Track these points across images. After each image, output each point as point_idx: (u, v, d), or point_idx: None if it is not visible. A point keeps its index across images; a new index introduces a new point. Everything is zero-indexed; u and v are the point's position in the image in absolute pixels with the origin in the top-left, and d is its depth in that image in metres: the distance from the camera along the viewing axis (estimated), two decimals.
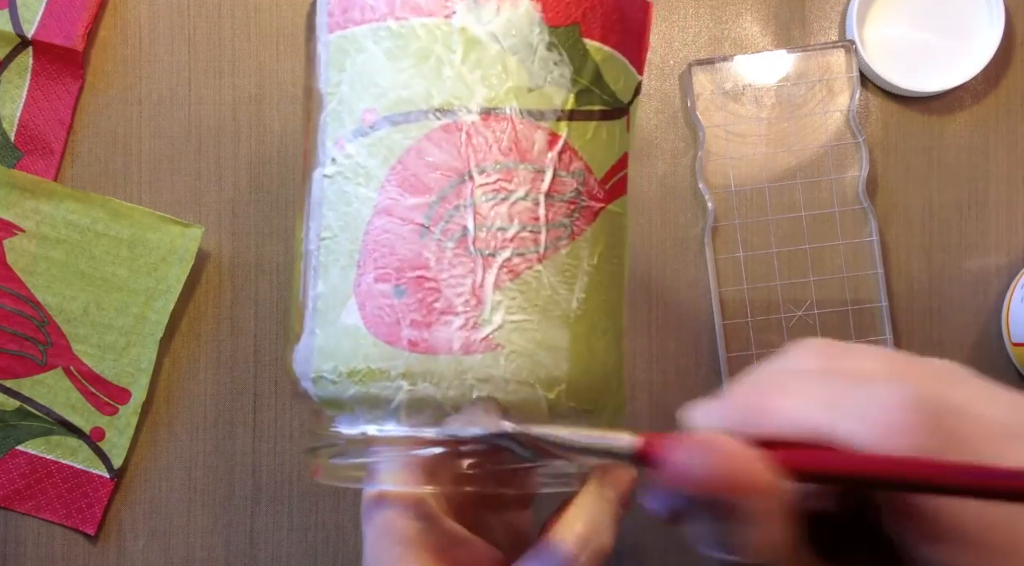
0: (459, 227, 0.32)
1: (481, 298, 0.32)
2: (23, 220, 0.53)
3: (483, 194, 0.32)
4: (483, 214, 0.32)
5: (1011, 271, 0.54)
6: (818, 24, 0.54)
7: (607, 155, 0.34)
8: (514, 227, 0.32)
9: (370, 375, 0.32)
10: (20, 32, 0.53)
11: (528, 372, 0.32)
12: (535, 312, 0.32)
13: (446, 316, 0.32)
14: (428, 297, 0.32)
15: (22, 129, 0.53)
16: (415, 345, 0.32)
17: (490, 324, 0.32)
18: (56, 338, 0.53)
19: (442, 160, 0.32)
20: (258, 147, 0.54)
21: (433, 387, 0.31)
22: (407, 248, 0.32)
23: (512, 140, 0.32)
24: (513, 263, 0.32)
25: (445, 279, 0.32)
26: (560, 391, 0.32)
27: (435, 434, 0.31)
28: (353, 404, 0.33)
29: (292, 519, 0.53)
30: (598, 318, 0.33)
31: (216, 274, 0.54)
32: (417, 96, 0.33)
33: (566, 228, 0.33)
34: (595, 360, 0.33)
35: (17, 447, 0.53)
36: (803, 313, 0.53)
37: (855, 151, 0.53)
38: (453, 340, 0.31)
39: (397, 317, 0.32)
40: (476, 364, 0.31)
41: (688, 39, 0.54)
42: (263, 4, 0.54)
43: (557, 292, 0.32)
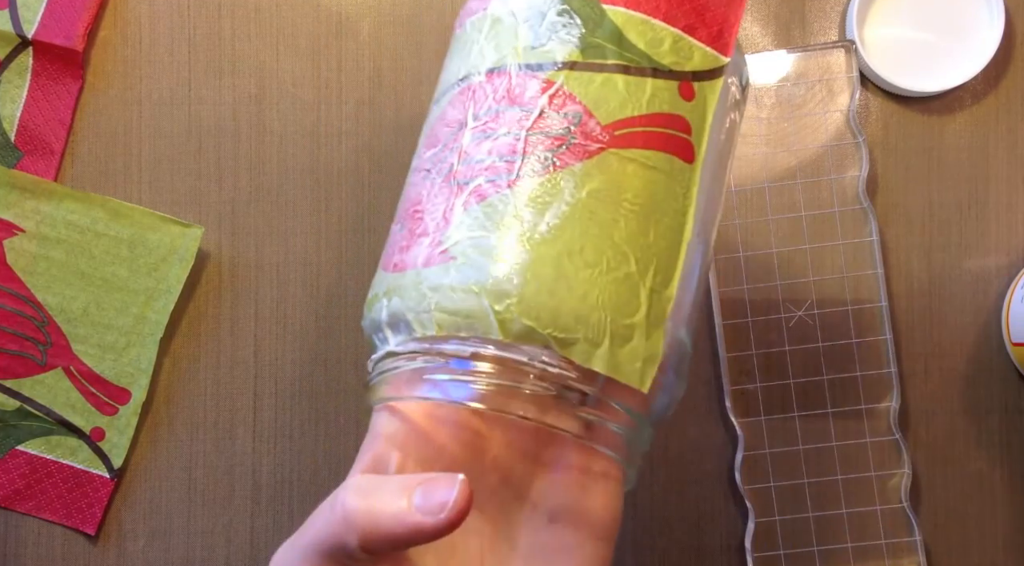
0: (448, 164, 0.35)
1: (448, 219, 0.34)
2: (23, 220, 0.53)
3: (472, 136, 0.35)
4: (467, 151, 0.34)
5: (1011, 271, 0.54)
6: (818, 24, 0.54)
7: (622, 106, 0.34)
8: (490, 159, 0.34)
9: (373, 300, 0.35)
10: (20, 32, 0.53)
11: (474, 281, 0.32)
12: (494, 228, 0.33)
13: (421, 238, 0.34)
14: (415, 226, 0.35)
15: (22, 129, 0.53)
16: (396, 266, 0.35)
17: (449, 239, 0.33)
18: (56, 338, 0.53)
19: (452, 117, 0.36)
20: (258, 147, 0.54)
21: (400, 299, 0.33)
22: (415, 192, 0.36)
23: (506, 89, 0.35)
24: (482, 188, 0.33)
25: (427, 208, 0.34)
26: (510, 305, 0.32)
27: (403, 348, 0.33)
28: (371, 333, 0.36)
29: (292, 519, 0.53)
30: (581, 247, 0.33)
31: (216, 274, 0.54)
32: (452, 75, 0.37)
33: (546, 160, 0.33)
34: (565, 285, 0.32)
35: (17, 447, 0.53)
36: (803, 313, 0.53)
37: (855, 151, 0.53)
38: (419, 256, 0.34)
39: (394, 247, 0.35)
40: (430, 274, 0.33)
41: None
42: (263, 4, 0.54)
43: (522, 214, 0.33)
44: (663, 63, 0.35)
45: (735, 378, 0.52)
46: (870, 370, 0.52)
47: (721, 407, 0.52)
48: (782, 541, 0.51)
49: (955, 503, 0.53)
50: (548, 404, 0.32)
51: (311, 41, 0.54)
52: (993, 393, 0.53)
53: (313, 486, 0.53)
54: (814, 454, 0.52)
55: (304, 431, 0.53)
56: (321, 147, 0.54)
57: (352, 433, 0.53)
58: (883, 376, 0.52)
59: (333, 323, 0.53)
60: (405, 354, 0.33)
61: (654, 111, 0.35)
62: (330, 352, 0.53)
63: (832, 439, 0.52)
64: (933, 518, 0.53)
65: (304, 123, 0.54)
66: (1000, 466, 0.53)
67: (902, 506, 0.51)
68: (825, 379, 0.52)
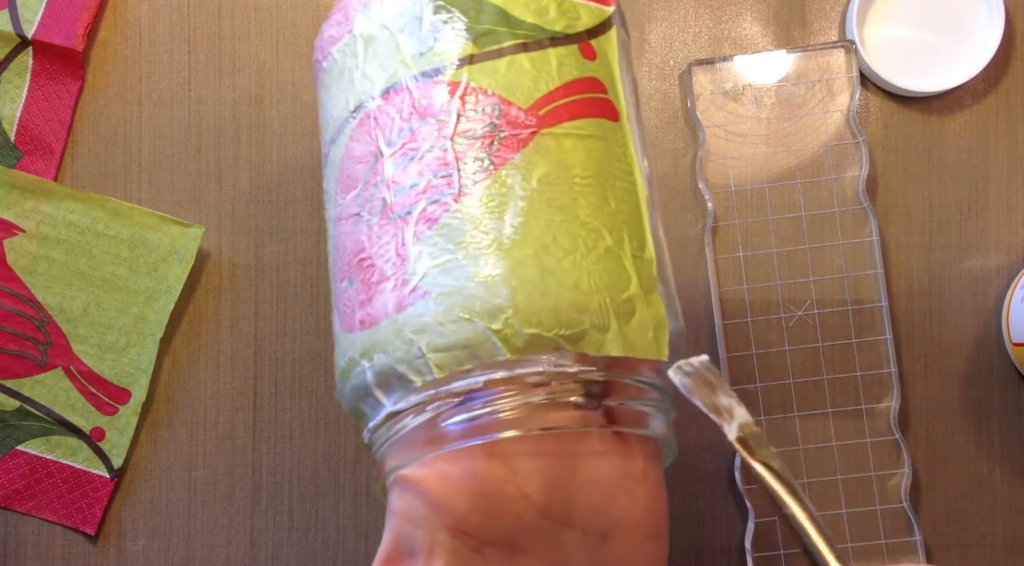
0: (379, 200, 0.33)
1: (404, 255, 0.31)
2: (23, 220, 0.53)
3: (393, 163, 0.32)
4: (395, 180, 0.32)
5: (1011, 271, 0.54)
6: (818, 24, 0.54)
7: (535, 85, 0.33)
8: (425, 179, 0.32)
9: (348, 368, 0.33)
10: (20, 32, 0.53)
11: (461, 308, 0.30)
12: (459, 249, 0.31)
13: (381, 284, 0.32)
14: (368, 275, 0.32)
15: (22, 129, 0.53)
16: (364, 323, 0.32)
17: (415, 275, 0.31)
18: (56, 338, 0.53)
19: (361, 151, 0.33)
20: (258, 147, 0.54)
21: (383, 355, 0.31)
22: (351, 241, 0.33)
23: (411, 105, 0.33)
24: (428, 212, 0.31)
25: (376, 252, 0.32)
26: (507, 319, 0.30)
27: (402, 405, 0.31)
28: (356, 405, 0.33)
29: (292, 519, 0.53)
30: (553, 238, 0.31)
31: (216, 274, 0.54)
32: (341, 109, 0.35)
33: (483, 161, 0.32)
34: (553, 280, 0.31)
35: (17, 447, 0.53)
36: (803, 313, 0.53)
37: (855, 151, 0.53)
38: (388, 303, 0.31)
39: (353, 305, 0.33)
40: (409, 317, 0.31)
41: (688, 39, 0.54)
42: (263, 4, 0.54)
43: (481, 224, 0.31)
44: (556, 30, 0.34)
45: (735, 378, 0.52)
46: (870, 370, 0.52)
47: None
48: (782, 541, 0.51)
49: (955, 503, 0.53)
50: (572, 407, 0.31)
51: (311, 41, 0.54)
52: (993, 393, 0.53)
53: (313, 486, 0.53)
54: (814, 454, 0.52)
55: (304, 431, 0.53)
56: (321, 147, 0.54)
57: (352, 433, 0.53)
58: (883, 376, 0.52)
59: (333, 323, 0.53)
60: (410, 409, 0.31)
61: (567, 80, 0.34)
62: (330, 352, 0.53)
63: (832, 439, 0.52)
64: (933, 518, 0.53)
65: (304, 123, 0.54)
66: (1000, 466, 0.53)
67: (902, 506, 0.51)
68: (825, 379, 0.52)
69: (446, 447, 0.30)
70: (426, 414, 0.31)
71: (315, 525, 0.53)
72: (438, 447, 0.30)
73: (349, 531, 0.53)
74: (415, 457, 0.31)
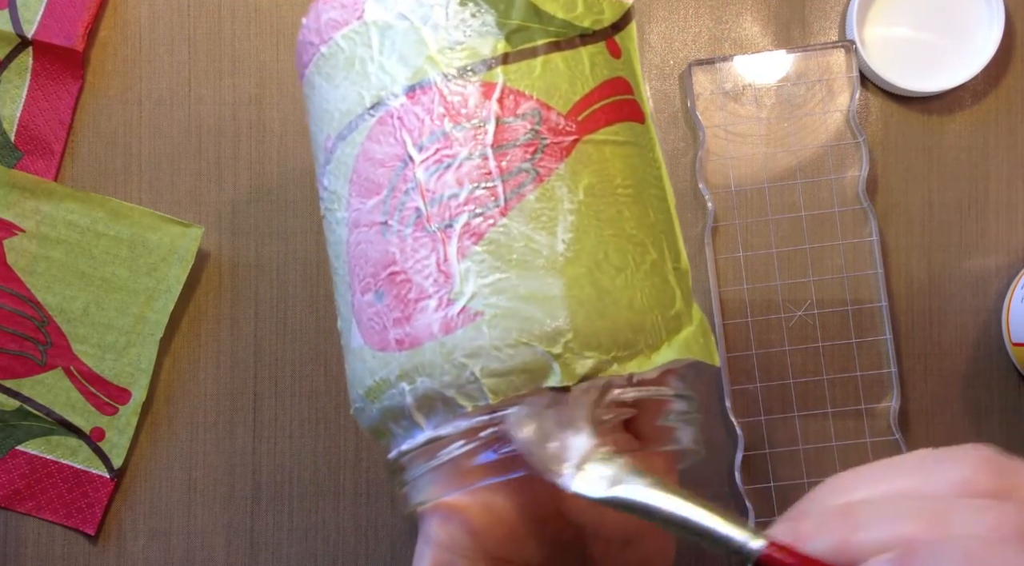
0: (412, 210, 0.30)
1: (448, 272, 0.29)
2: (23, 220, 0.53)
3: (425, 169, 0.30)
4: (430, 189, 0.30)
5: (1011, 271, 0.54)
6: (818, 24, 0.54)
7: (572, 86, 0.31)
8: (465, 190, 0.30)
9: (378, 389, 0.31)
10: (20, 32, 0.53)
11: (518, 332, 0.28)
12: (511, 268, 0.29)
13: (421, 302, 0.30)
14: (402, 290, 0.30)
15: (22, 129, 0.53)
16: (401, 343, 0.30)
17: (463, 295, 0.29)
18: (56, 338, 0.53)
19: (384, 153, 0.31)
20: (258, 147, 0.54)
21: (428, 379, 0.29)
22: (376, 250, 0.31)
23: (443, 106, 0.30)
24: (473, 225, 0.29)
25: (411, 266, 0.30)
26: (567, 343, 0.29)
27: (450, 430, 0.30)
28: (384, 424, 0.32)
29: (292, 519, 0.53)
30: (605, 254, 0.30)
31: (216, 274, 0.54)
32: (353, 103, 0.32)
33: (528, 173, 0.30)
34: (610, 300, 0.29)
35: (17, 447, 0.53)
36: (803, 313, 0.53)
37: (855, 151, 0.53)
38: (432, 324, 0.29)
39: (383, 322, 0.31)
40: (459, 340, 0.29)
41: (688, 39, 0.54)
42: (263, 4, 0.54)
43: (533, 241, 0.29)
44: (585, 26, 0.32)
45: (735, 378, 0.52)
46: (870, 370, 0.52)
47: (721, 407, 0.52)
48: None
49: None
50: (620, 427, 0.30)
51: None
52: (993, 393, 0.53)
53: (313, 486, 0.53)
54: (814, 454, 0.52)
55: (304, 431, 0.53)
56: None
57: (352, 433, 0.53)
58: (883, 376, 0.52)
59: (333, 323, 0.53)
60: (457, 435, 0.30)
61: (599, 81, 0.32)
62: (330, 352, 0.53)
63: (832, 439, 0.52)
64: None
65: (304, 123, 0.54)
66: None
67: None
68: (825, 379, 0.52)
69: (503, 476, 0.29)
70: (476, 441, 0.29)
71: (315, 525, 0.53)
72: (492, 476, 0.29)
73: (349, 531, 0.53)
74: (461, 486, 0.30)
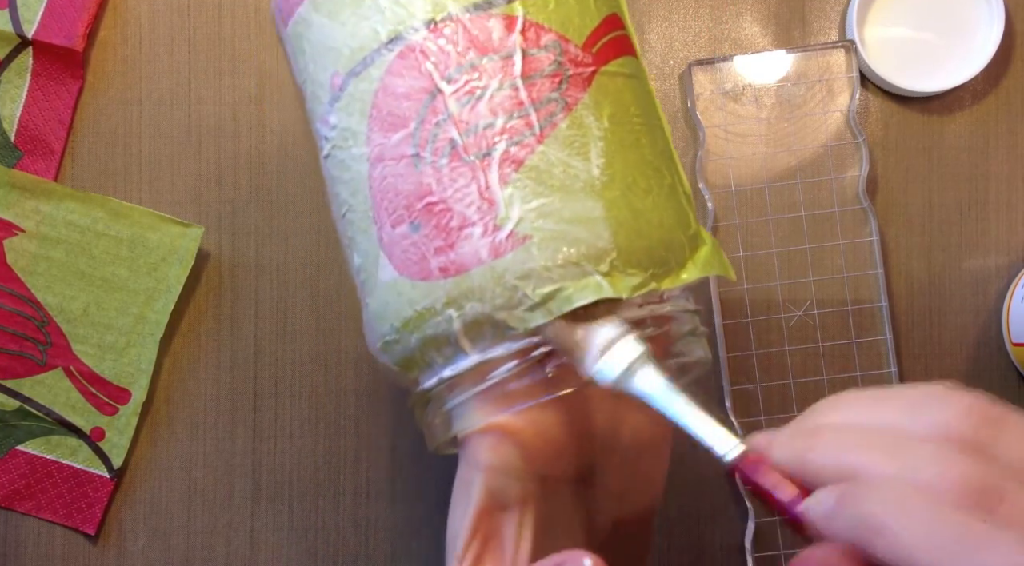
0: (446, 141, 0.31)
1: (492, 199, 0.30)
2: (23, 220, 0.53)
3: (457, 101, 0.31)
4: (464, 120, 0.31)
5: (1011, 271, 0.54)
6: (818, 24, 0.54)
7: (583, 20, 0.32)
8: (500, 119, 0.31)
9: (421, 318, 0.31)
10: (20, 32, 0.53)
11: (567, 253, 0.30)
12: (553, 192, 0.30)
13: (465, 230, 0.30)
14: (442, 220, 0.31)
15: (22, 129, 0.53)
16: (446, 271, 0.31)
17: (510, 220, 0.30)
18: (56, 338, 0.53)
19: (408, 87, 0.32)
20: (258, 147, 0.54)
21: (479, 303, 0.30)
22: (408, 183, 0.31)
23: (467, 39, 0.31)
24: (512, 153, 0.30)
25: (451, 196, 0.31)
26: (612, 261, 0.30)
27: (500, 352, 0.30)
28: (422, 354, 0.32)
29: (292, 519, 0.53)
30: (634, 178, 0.31)
31: (216, 274, 0.54)
32: (367, 39, 0.32)
33: (558, 102, 0.31)
34: (644, 220, 0.31)
35: (17, 447, 0.53)
36: (803, 313, 0.53)
37: (855, 151, 0.53)
38: (479, 250, 0.30)
39: (422, 251, 0.31)
40: (510, 263, 0.30)
41: (688, 39, 0.54)
42: (263, 4, 0.54)
43: (571, 165, 0.30)
44: None
45: (735, 378, 0.52)
46: (870, 370, 0.52)
47: (721, 407, 0.52)
48: (782, 541, 0.51)
49: None
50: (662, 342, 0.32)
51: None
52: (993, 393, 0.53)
53: (313, 486, 0.53)
54: None
55: (304, 431, 0.53)
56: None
57: (352, 433, 0.53)
58: (883, 376, 0.52)
59: (333, 323, 0.53)
60: (512, 354, 0.30)
61: (603, 16, 0.33)
62: (330, 352, 0.53)
63: None
64: None
65: (304, 123, 0.54)
66: None
67: None
68: (825, 379, 0.52)
69: (554, 394, 0.30)
70: (527, 361, 0.30)
71: (315, 525, 0.53)
72: (544, 394, 0.30)
73: (349, 531, 0.53)
74: (512, 406, 0.30)
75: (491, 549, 0.31)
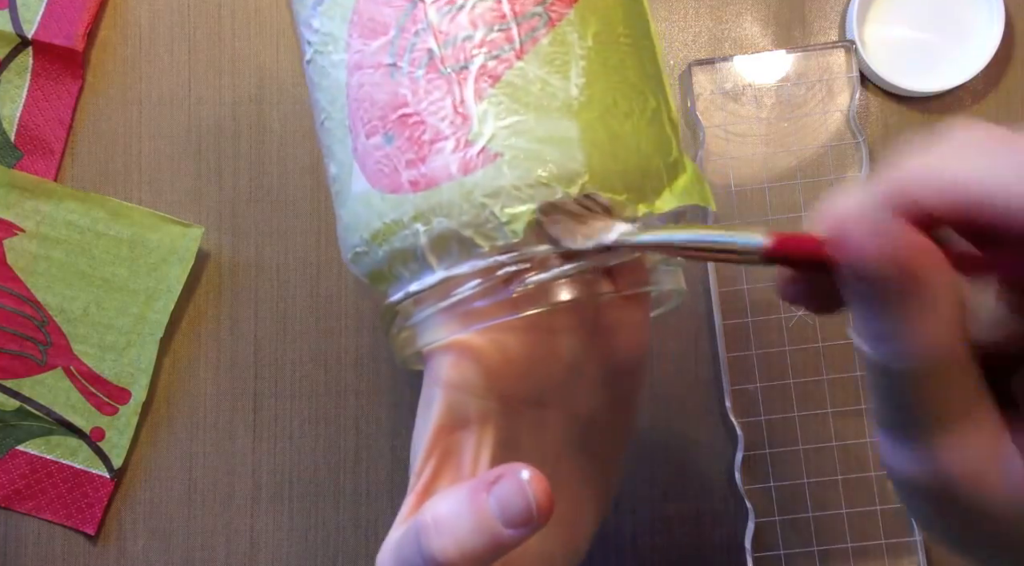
0: (424, 52, 0.30)
1: (465, 114, 0.29)
2: (23, 220, 0.53)
3: (437, 11, 0.30)
4: (443, 30, 0.30)
5: None
6: (818, 24, 0.54)
7: None
8: (480, 32, 0.30)
9: (388, 230, 0.31)
10: (20, 32, 0.53)
11: (538, 172, 0.29)
12: (528, 110, 0.29)
13: (437, 144, 0.30)
14: (415, 132, 0.30)
15: (22, 129, 0.53)
16: (416, 184, 0.30)
17: (482, 136, 0.29)
18: (56, 338, 0.53)
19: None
20: (258, 147, 0.54)
21: (446, 219, 0.29)
22: (384, 92, 0.31)
23: None
24: (489, 68, 0.29)
25: (425, 108, 0.30)
26: (583, 183, 0.29)
27: (465, 269, 0.30)
28: (390, 267, 0.32)
29: (292, 519, 0.53)
30: (614, 100, 0.30)
31: (216, 274, 0.54)
32: None
33: (541, 16, 0.30)
34: (620, 144, 0.30)
35: (17, 447, 0.53)
36: (803, 313, 0.53)
37: (855, 151, 0.53)
38: (450, 165, 0.29)
39: (394, 164, 0.30)
40: (479, 180, 0.29)
41: (688, 39, 0.54)
42: (263, 4, 0.54)
43: (548, 84, 0.29)
44: None
45: (735, 378, 0.52)
46: None
47: (721, 407, 0.52)
48: (782, 541, 0.51)
49: None
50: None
51: None
52: None
53: (313, 486, 0.53)
54: (814, 454, 0.52)
55: (304, 431, 0.53)
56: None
57: (352, 433, 0.53)
58: None
59: (333, 323, 0.53)
60: (473, 274, 0.30)
61: None
62: (330, 352, 0.53)
63: (832, 439, 0.52)
64: None
65: (304, 123, 0.54)
66: None
67: (902, 506, 0.51)
68: (825, 379, 0.52)
69: (518, 314, 0.29)
70: (492, 280, 0.30)
71: (315, 525, 0.53)
72: (508, 314, 0.30)
73: (349, 531, 0.53)
74: (475, 324, 0.30)
75: (448, 465, 0.31)
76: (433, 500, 0.29)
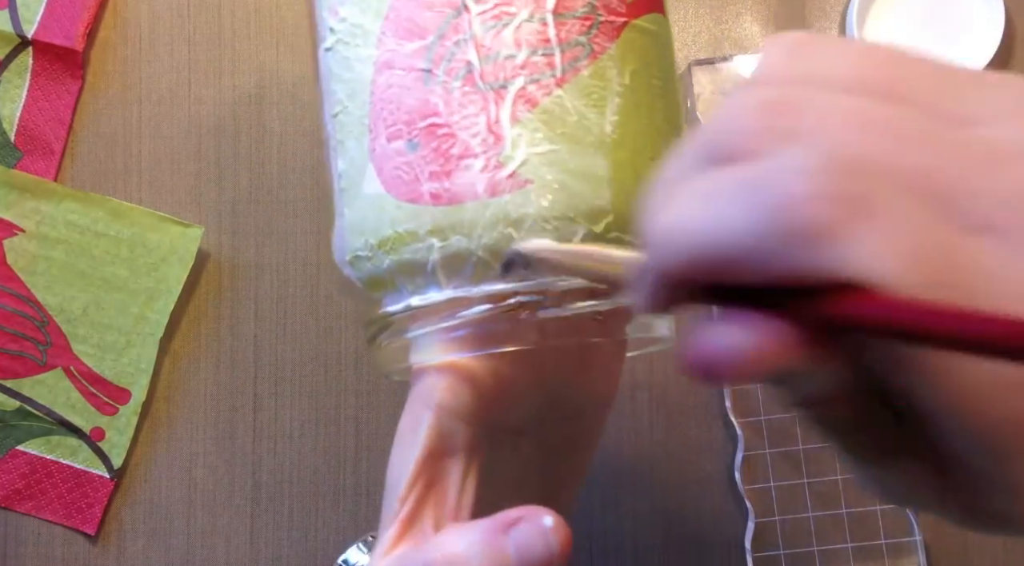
0: (463, 63, 0.29)
1: (499, 134, 0.29)
2: (23, 220, 0.53)
3: (482, 23, 0.29)
4: (486, 44, 0.29)
5: None
6: (818, 24, 0.54)
7: None
8: (523, 53, 0.29)
9: (400, 240, 0.30)
10: (20, 32, 0.53)
11: (565, 205, 0.28)
12: (562, 141, 0.29)
13: (465, 160, 0.29)
14: (443, 144, 0.29)
15: (22, 129, 0.53)
16: (438, 198, 0.29)
17: (513, 160, 0.29)
18: (56, 338, 0.53)
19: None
20: (258, 147, 0.54)
21: (465, 238, 0.29)
22: (413, 98, 0.30)
23: None
24: (528, 92, 0.29)
25: (457, 121, 0.29)
26: (608, 223, 0.29)
27: (476, 292, 0.29)
28: (392, 277, 0.31)
29: (292, 519, 0.53)
30: (643, 142, 0.30)
31: (216, 274, 0.54)
32: None
33: (584, 47, 0.29)
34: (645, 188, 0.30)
35: (17, 447, 0.53)
36: None
37: None
38: (476, 184, 0.29)
39: (415, 173, 0.29)
40: (506, 205, 0.28)
41: (688, 39, 0.54)
42: (263, 4, 0.54)
43: (585, 117, 0.29)
44: None
45: None
46: None
47: (721, 407, 0.52)
48: (782, 541, 0.51)
49: None
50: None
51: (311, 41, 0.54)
52: None
53: (313, 486, 0.53)
54: (814, 454, 0.52)
55: (304, 431, 0.53)
56: (321, 147, 0.54)
57: (352, 433, 0.53)
58: None
59: (333, 323, 0.53)
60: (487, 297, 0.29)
61: None
62: (330, 352, 0.53)
63: None
64: (933, 518, 0.53)
65: (304, 123, 0.54)
66: None
67: None
68: None
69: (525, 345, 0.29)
70: (502, 307, 0.29)
71: (315, 525, 0.53)
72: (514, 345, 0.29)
73: (349, 532, 0.53)
74: (478, 349, 0.29)
75: (434, 495, 0.30)
76: (443, 537, 0.28)
